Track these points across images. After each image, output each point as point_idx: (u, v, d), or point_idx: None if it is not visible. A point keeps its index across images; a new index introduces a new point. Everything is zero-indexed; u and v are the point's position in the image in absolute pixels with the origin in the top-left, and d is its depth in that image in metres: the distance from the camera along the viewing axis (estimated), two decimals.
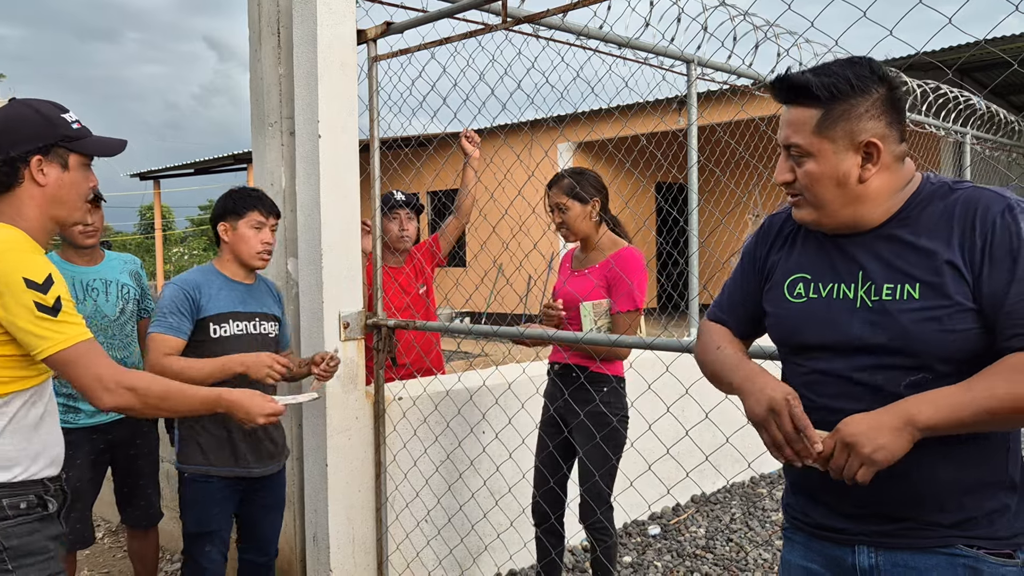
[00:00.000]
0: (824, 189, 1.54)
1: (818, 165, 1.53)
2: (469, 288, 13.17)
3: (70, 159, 2.04)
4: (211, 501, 2.88)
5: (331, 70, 3.27)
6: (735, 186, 11.96)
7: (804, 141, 1.54)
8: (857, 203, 1.54)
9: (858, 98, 1.50)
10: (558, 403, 3.25)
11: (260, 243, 2.94)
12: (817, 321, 1.60)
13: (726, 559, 4.26)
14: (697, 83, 4.95)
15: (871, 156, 1.51)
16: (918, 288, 1.48)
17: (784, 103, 1.59)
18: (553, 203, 3.27)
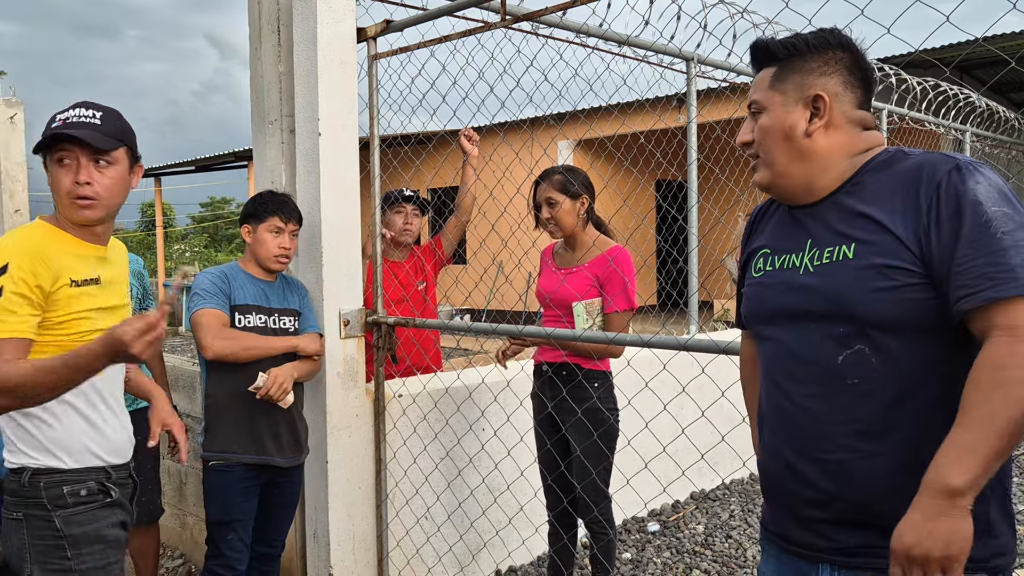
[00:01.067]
0: (773, 142, 1.56)
1: (768, 118, 1.57)
2: (469, 286, 13.18)
3: (47, 157, 2.12)
4: (232, 490, 2.95)
5: (331, 68, 3.28)
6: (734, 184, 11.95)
7: (759, 96, 1.58)
8: (804, 160, 1.54)
9: (812, 55, 1.55)
10: (553, 401, 3.26)
11: (277, 247, 3.03)
12: (769, 293, 1.61)
13: (725, 556, 4.27)
14: (696, 81, 4.96)
15: (819, 110, 1.53)
16: (853, 248, 1.46)
17: (756, 71, 1.64)
18: (543, 197, 3.28)
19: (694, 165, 4.82)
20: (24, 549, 2.01)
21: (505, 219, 3.70)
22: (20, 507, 2.03)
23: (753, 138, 1.61)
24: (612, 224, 3.47)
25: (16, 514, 2.03)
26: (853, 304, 1.44)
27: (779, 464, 1.59)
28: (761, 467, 1.68)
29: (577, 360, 3.20)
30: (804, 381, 1.52)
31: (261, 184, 3.52)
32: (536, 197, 3.31)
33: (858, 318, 1.44)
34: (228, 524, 2.95)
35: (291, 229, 3.06)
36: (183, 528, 4.38)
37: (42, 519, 2.02)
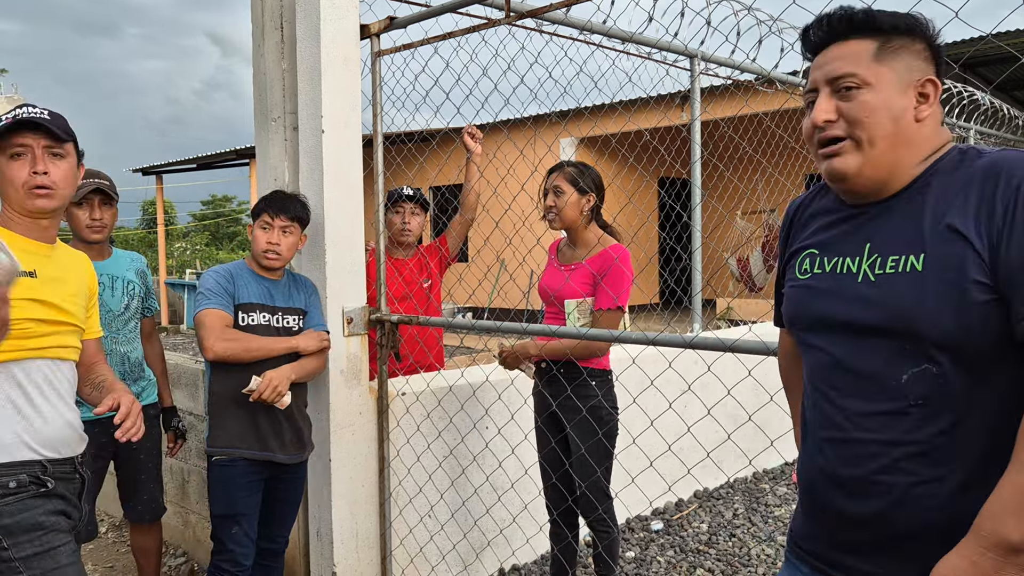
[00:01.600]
0: (880, 122, 1.40)
1: (876, 95, 1.40)
2: (472, 283, 13.16)
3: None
4: (236, 484, 2.96)
5: (334, 65, 3.27)
6: (739, 181, 11.94)
7: (861, 70, 1.41)
8: (904, 147, 1.41)
9: (915, 36, 1.43)
10: (553, 399, 3.25)
11: (265, 243, 3.03)
12: (818, 299, 1.49)
13: (729, 554, 4.26)
14: (701, 78, 4.94)
15: (926, 97, 1.42)
16: (923, 259, 1.34)
17: (826, 44, 1.47)
18: (551, 186, 3.27)
19: (698, 163, 4.80)
20: None
21: (508, 217, 3.69)
22: None
23: (836, 117, 1.43)
24: (616, 222, 3.46)
25: None
26: (921, 321, 1.33)
27: (826, 481, 1.48)
28: (805, 480, 1.55)
29: (577, 360, 3.19)
30: (860, 397, 1.42)
31: (263, 181, 3.51)
32: (546, 184, 3.31)
33: (926, 336, 1.33)
34: (232, 518, 2.96)
35: (281, 224, 3.03)
36: (185, 526, 4.38)
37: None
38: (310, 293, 3.20)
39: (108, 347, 3.21)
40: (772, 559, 4.18)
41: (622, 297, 3.14)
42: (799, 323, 1.56)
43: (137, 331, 3.40)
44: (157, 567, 3.54)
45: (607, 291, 3.12)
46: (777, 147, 11.99)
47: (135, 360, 3.35)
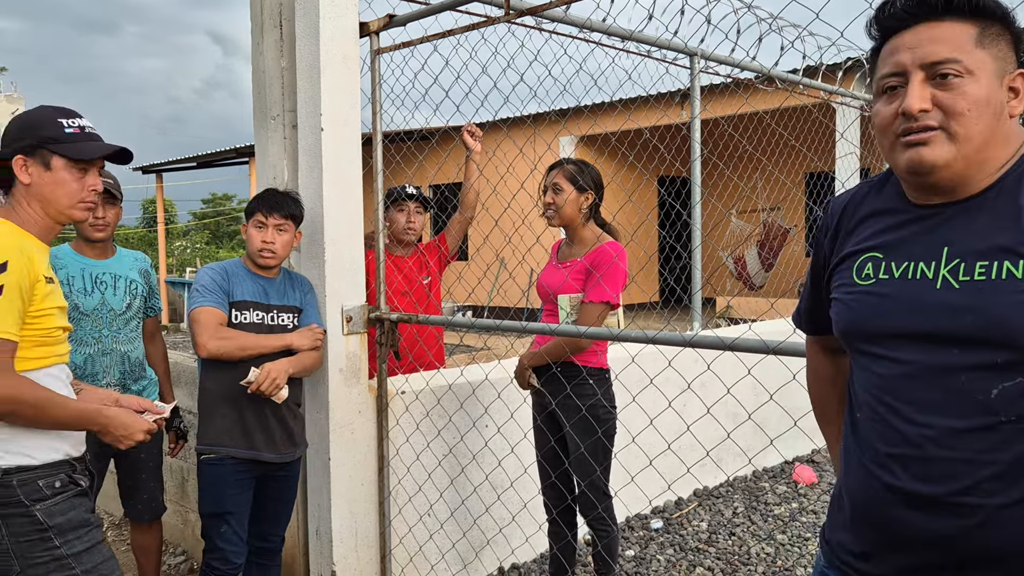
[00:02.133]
0: (981, 117, 1.28)
1: (978, 86, 1.28)
2: (472, 282, 13.16)
3: (52, 160, 2.14)
4: (224, 482, 2.95)
5: (333, 63, 3.26)
6: (738, 180, 11.94)
7: (965, 57, 1.28)
8: (998, 144, 1.31)
9: (1008, 25, 1.32)
10: (552, 398, 3.24)
11: (260, 242, 3.03)
12: (887, 306, 1.37)
13: (728, 553, 4.26)
14: (700, 76, 4.93)
15: (1017, 91, 1.32)
16: (1021, 266, 1.23)
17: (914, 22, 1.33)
18: (550, 183, 3.27)
19: (698, 161, 4.80)
20: (4, 549, 2.01)
21: (508, 215, 3.69)
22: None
23: (931, 106, 1.30)
24: (616, 220, 3.46)
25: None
26: (1020, 331, 1.22)
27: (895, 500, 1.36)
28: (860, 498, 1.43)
29: (571, 357, 3.19)
30: (939, 412, 1.30)
31: (263, 180, 3.50)
32: (545, 182, 3.31)
33: (1020, 348, 1.23)
34: (221, 516, 2.95)
35: (275, 223, 3.02)
36: (185, 525, 4.38)
37: (21, 515, 2.02)
38: (306, 291, 3.20)
39: (108, 346, 3.21)
40: (772, 557, 4.18)
41: (614, 293, 3.13)
42: (862, 333, 1.43)
43: (139, 331, 3.39)
44: (157, 566, 3.54)
45: (597, 285, 3.12)
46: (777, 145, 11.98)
47: (135, 360, 3.34)
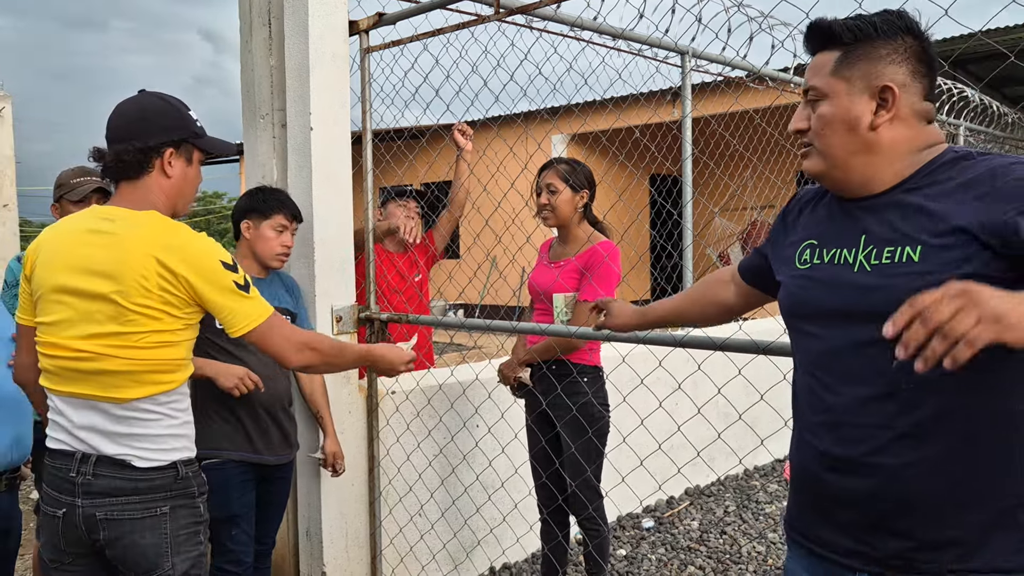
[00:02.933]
0: (834, 133, 1.47)
1: (830, 106, 1.47)
2: (463, 281, 13.15)
3: (194, 155, 2.16)
4: (229, 486, 2.91)
5: (323, 61, 3.25)
6: (729, 179, 11.95)
7: (820, 82, 1.48)
8: (867, 153, 1.46)
9: (880, 41, 1.44)
10: (545, 397, 3.24)
11: (280, 245, 3.00)
12: (816, 288, 1.52)
13: (720, 552, 4.26)
14: (691, 75, 4.93)
15: (886, 102, 1.44)
16: (919, 251, 1.37)
17: (811, 53, 1.54)
18: (544, 183, 3.26)
19: (689, 160, 4.79)
20: (163, 543, 2.03)
21: (499, 214, 3.67)
22: (167, 500, 2.04)
23: (808, 126, 1.51)
24: (607, 219, 3.45)
25: (160, 509, 2.03)
26: None
27: (819, 463, 1.51)
28: (797, 463, 1.59)
29: (565, 355, 3.18)
30: (852, 382, 1.44)
31: (253, 179, 3.48)
32: (538, 183, 3.30)
33: None
34: (231, 520, 2.92)
35: (293, 228, 3.03)
36: None
37: (189, 507, 2.08)
38: (298, 295, 3.17)
39: None
40: (763, 556, 4.18)
41: (604, 292, 3.12)
42: (799, 312, 1.58)
43: None
44: None
45: (592, 285, 3.12)
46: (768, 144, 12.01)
47: None
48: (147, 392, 2.01)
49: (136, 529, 2.00)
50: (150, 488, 2.02)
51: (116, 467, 2.00)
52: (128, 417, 2.01)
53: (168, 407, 2.06)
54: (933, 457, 1.38)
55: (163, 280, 1.95)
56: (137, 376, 1.99)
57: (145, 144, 2.05)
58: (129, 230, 1.99)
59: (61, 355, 2.01)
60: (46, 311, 2.04)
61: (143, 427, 2.02)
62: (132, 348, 1.98)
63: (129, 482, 2.00)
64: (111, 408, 2.01)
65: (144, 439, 2.02)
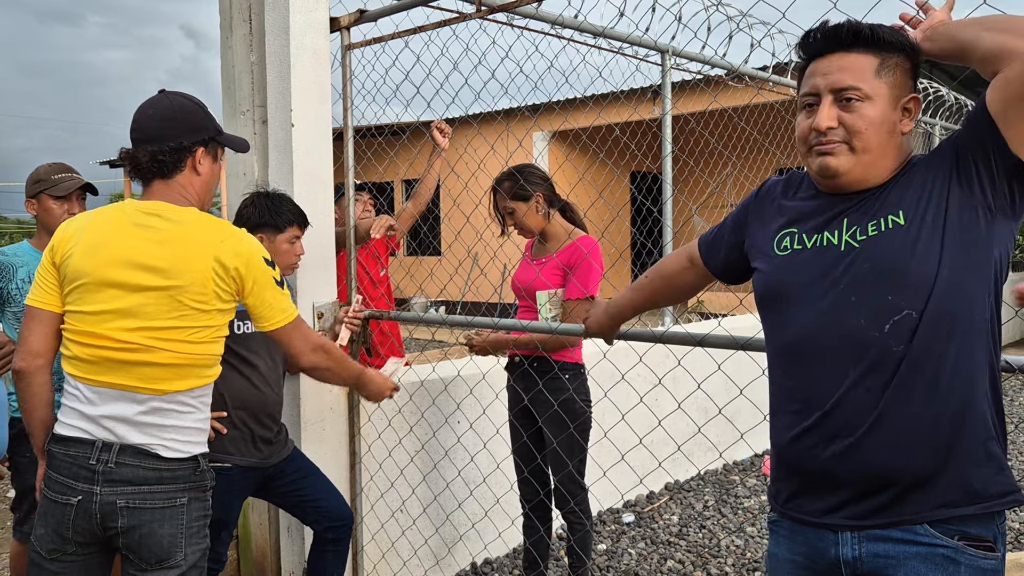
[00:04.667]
0: (876, 134, 1.54)
1: (876, 109, 1.54)
2: (444, 278, 13.15)
3: (218, 152, 2.25)
4: (231, 491, 2.90)
5: (303, 58, 3.24)
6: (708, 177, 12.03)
7: (865, 85, 1.54)
8: (889, 155, 1.56)
9: (905, 55, 1.56)
10: (527, 393, 3.25)
11: (295, 256, 3.02)
12: (802, 268, 1.60)
13: (699, 546, 4.30)
14: (671, 73, 4.96)
15: (909, 112, 1.57)
16: (902, 215, 1.50)
17: (829, 52, 1.58)
18: (501, 207, 3.28)
19: (668, 157, 4.83)
20: (179, 534, 2.07)
21: (480, 211, 3.69)
22: (186, 492, 2.09)
23: (837, 124, 1.56)
24: (588, 217, 3.47)
25: (179, 500, 2.08)
26: (904, 265, 1.47)
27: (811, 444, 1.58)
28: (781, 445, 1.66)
29: (543, 352, 3.20)
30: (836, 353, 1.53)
31: (233, 176, 3.47)
32: (495, 207, 3.31)
33: (906, 284, 1.47)
34: (225, 522, 2.93)
35: (302, 235, 3.05)
36: None
37: (202, 500, 2.15)
38: (294, 296, 3.17)
39: None
40: (741, 550, 4.23)
41: (592, 288, 3.15)
42: (781, 293, 1.65)
43: None
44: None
45: (576, 282, 3.14)
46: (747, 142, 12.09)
47: None
48: (189, 385, 2.09)
49: (156, 519, 2.04)
50: (173, 478, 2.07)
51: (140, 456, 2.04)
52: (164, 409, 2.07)
53: (200, 400, 2.14)
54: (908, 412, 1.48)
55: (217, 276, 2.05)
56: (182, 370, 2.07)
57: (179, 144, 2.12)
58: (181, 227, 2.08)
59: (104, 344, 2.04)
60: (87, 300, 2.06)
61: (177, 419, 2.09)
62: (183, 342, 2.05)
63: (154, 471, 2.05)
64: (149, 399, 2.05)
65: (174, 430, 2.08)
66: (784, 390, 1.65)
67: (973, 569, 1.48)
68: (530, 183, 3.21)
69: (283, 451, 3.04)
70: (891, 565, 1.51)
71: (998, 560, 1.50)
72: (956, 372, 1.47)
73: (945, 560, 1.48)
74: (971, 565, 1.47)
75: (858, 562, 1.55)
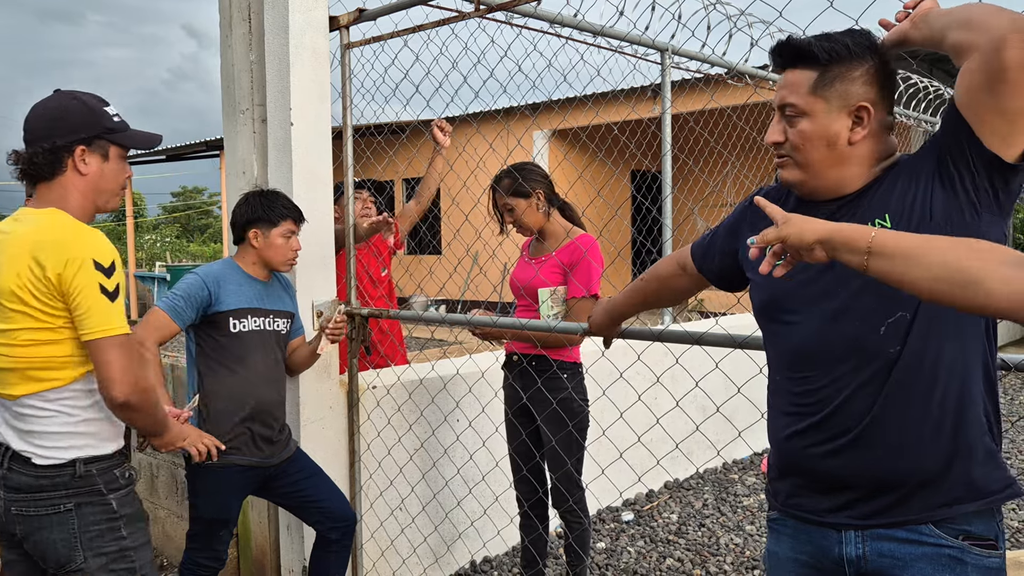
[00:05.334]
0: (814, 148, 1.57)
1: (811, 124, 1.56)
2: (443, 276, 13.15)
3: (111, 150, 2.16)
4: (230, 490, 2.92)
5: (303, 57, 3.25)
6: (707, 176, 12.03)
7: (800, 101, 1.57)
8: (842, 165, 1.57)
9: (854, 63, 1.55)
10: (525, 392, 3.25)
11: (291, 251, 3.00)
12: (797, 278, 1.60)
13: (698, 544, 4.31)
14: (671, 72, 4.96)
15: (861, 120, 1.55)
16: (888, 217, 1.50)
17: (783, 68, 1.62)
18: (500, 204, 3.28)
19: (668, 156, 4.83)
20: (72, 539, 2.06)
21: (479, 210, 3.69)
22: (71, 497, 2.06)
23: (784, 139, 1.61)
24: (587, 215, 3.47)
25: (64, 506, 2.06)
26: None
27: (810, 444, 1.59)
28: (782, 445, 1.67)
29: (547, 351, 3.20)
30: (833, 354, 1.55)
31: (233, 174, 3.48)
32: (494, 205, 3.31)
33: None
34: (223, 521, 2.94)
35: (298, 231, 3.04)
36: (155, 521, 4.34)
37: (98, 504, 2.09)
38: (293, 295, 3.18)
39: None
40: (740, 548, 4.23)
41: (593, 285, 3.15)
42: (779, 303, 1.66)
43: None
44: None
45: (576, 281, 3.14)
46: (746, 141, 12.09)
47: None
48: (32, 389, 2.03)
49: (44, 525, 2.05)
50: (52, 485, 2.05)
51: (21, 462, 2.05)
52: (23, 414, 2.05)
53: (61, 404, 2.06)
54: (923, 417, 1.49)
55: (32, 275, 1.97)
56: (21, 373, 2.02)
57: (54, 144, 2.07)
58: (15, 230, 2.04)
59: None
60: None
61: (39, 424, 2.05)
62: (10, 346, 2.01)
63: (34, 479, 2.05)
64: (9, 404, 2.06)
65: (40, 436, 2.05)
66: (784, 394, 1.66)
67: (980, 568, 1.48)
68: (530, 181, 3.21)
69: (285, 451, 3.04)
70: (897, 566, 1.52)
71: (1002, 558, 1.51)
72: (953, 372, 1.48)
73: (952, 561, 1.48)
74: (977, 564, 1.48)
75: (862, 561, 1.55)
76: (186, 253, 29.62)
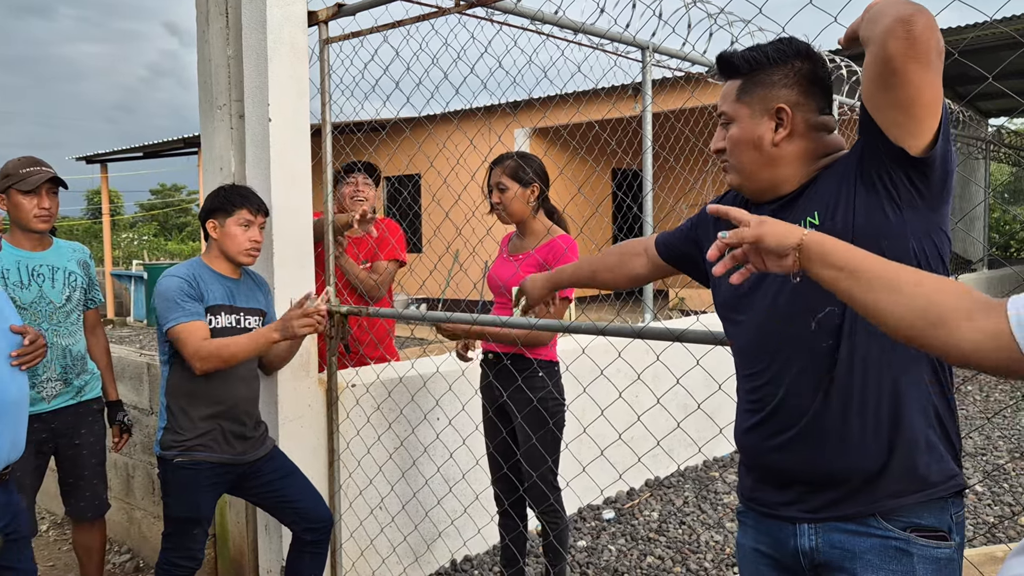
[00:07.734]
0: (742, 152, 1.66)
1: (738, 129, 1.66)
2: (424, 274, 13.11)
3: None
4: (200, 488, 2.87)
5: (281, 52, 3.22)
6: (688, 173, 12.07)
7: (729, 108, 1.68)
8: (772, 166, 1.64)
9: (773, 68, 1.63)
10: (503, 391, 3.24)
11: (248, 240, 2.94)
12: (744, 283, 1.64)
13: (678, 542, 4.32)
14: (652, 69, 4.97)
15: (782, 121, 1.62)
16: (817, 215, 1.56)
17: (724, 81, 1.72)
18: (494, 182, 3.26)
19: (649, 153, 4.83)
20: None
21: (460, 207, 3.67)
22: None
23: (725, 146, 1.70)
24: (567, 212, 3.46)
25: None
26: None
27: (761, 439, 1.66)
28: (740, 439, 1.75)
29: (517, 350, 3.18)
30: (777, 350, 1.61)
31: (210, 171, 3.44)
32: (489, 181, 3.29)
33: None
34: (196, 520, 2.90)
35: (259, 222, 2.97)
36: (131, 522, 4.29)
37: None
38: (267, 293, 3.15)
39: (49, 340, 3.13)
40: (720, 545, 4.25)
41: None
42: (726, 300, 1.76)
43: (79, 323, 3.31)
44: (100, 564, 3.46)
45: None
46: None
47: (77, 353, 3.26)
48: None
49: None
50: None
51: None
52: None
53: None
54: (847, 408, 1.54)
55: None
56: None
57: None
58: None
59: None
60: None
61: None
62: None
63: None
64: None
65: None
66: (741, 391, 1.75)
67: (926, 559, 1.52)
68: (531, 172, 3.21)
69: (261, 449, 3.01)
70: (847, 557, 1.57)
71: (952, 549, 1.53)
72: (888, 364, 1.52)
73: (898, 552, 1.52)
74: (924, 556, 1.51)
75: (815, 553, 1.61)
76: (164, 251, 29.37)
